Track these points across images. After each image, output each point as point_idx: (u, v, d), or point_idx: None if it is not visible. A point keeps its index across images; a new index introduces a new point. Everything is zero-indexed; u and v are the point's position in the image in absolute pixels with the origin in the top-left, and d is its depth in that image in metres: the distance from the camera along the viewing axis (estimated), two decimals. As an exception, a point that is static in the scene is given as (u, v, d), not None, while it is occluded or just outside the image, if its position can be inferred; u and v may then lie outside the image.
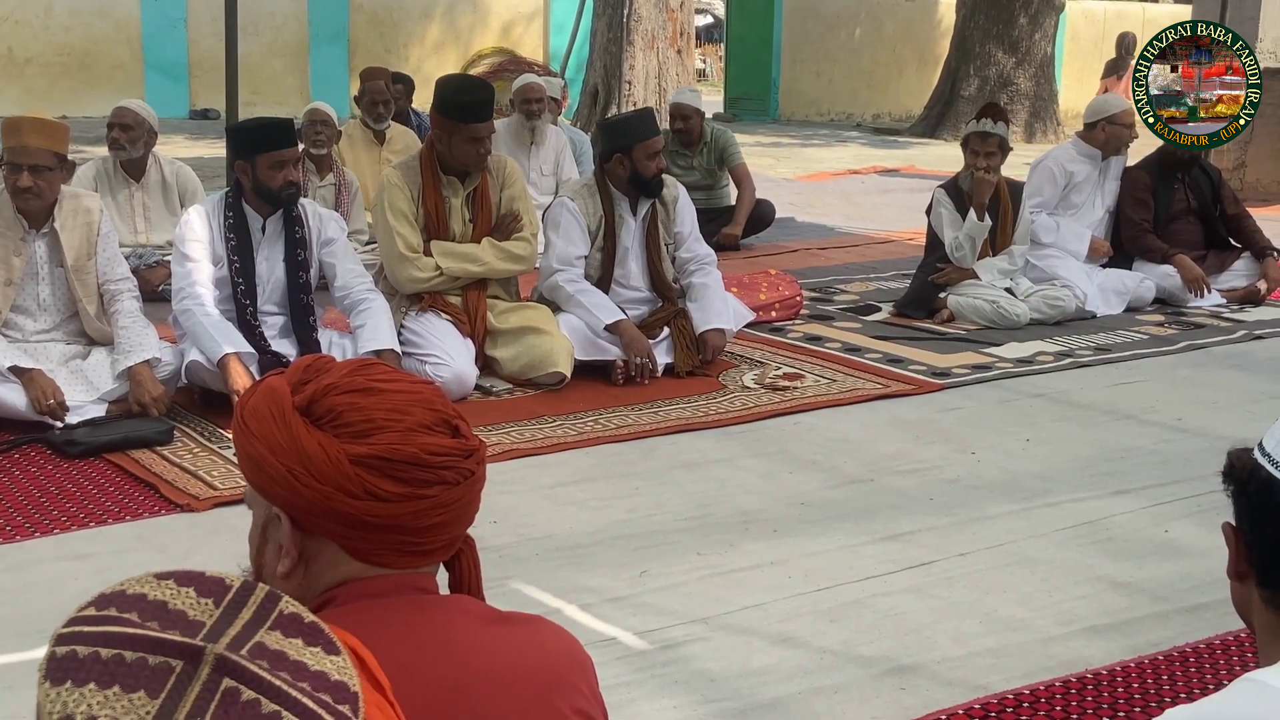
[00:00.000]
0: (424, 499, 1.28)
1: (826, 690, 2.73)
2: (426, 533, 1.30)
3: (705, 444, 4.34)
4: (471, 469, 1.32)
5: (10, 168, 4.30)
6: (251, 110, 8.08)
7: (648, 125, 5.27)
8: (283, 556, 1.30)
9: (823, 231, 9.01)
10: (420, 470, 1.27)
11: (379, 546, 1.30)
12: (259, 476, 1.30)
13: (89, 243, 4.44)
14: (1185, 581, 3.31)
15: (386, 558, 1.30)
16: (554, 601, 3.09)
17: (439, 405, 1.32)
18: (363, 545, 1.30)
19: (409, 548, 1.31)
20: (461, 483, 1.30)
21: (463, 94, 4.95)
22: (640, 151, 5.11)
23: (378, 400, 1.29)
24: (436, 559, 1.35)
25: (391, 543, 1.30)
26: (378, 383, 1.31)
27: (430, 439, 1.28)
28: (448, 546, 1.35)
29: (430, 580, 1.36)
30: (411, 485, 1.27)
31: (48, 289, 4.43)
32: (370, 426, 1.27)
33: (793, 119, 18.71)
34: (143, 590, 0.87)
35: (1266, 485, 1.20)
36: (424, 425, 1.29)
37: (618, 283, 5.28)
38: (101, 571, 3.19)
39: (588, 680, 1.36)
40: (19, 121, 4.38)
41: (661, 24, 12.76)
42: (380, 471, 1.26)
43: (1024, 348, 5.67)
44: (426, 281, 4.94)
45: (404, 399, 1.30)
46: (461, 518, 1.33)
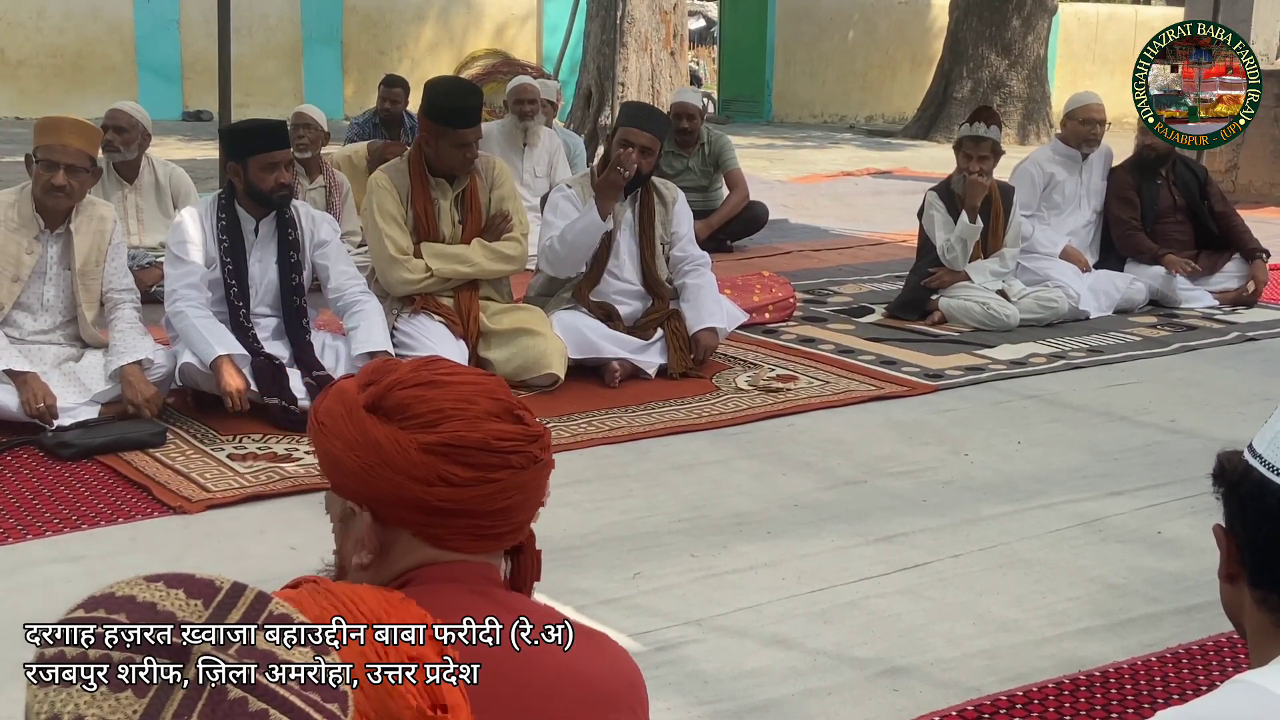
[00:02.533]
0: (493, 482, 1.35)
1: (820, 692, 2.74)
2: (496, 516, 1.37)
3: (699, 446, 4.34)
4: (537, 454, 1.38)
5: (45, 165, 4.30)
6: (245, 112, 8.07)
7: (633, 115, 5.32)
8: (362, 550, 1.37)
9: (816, 233, 9.02)
10: (488, 455, 1.34)
11: (452, 531, 1.37)
12: (336, 473, 1.39)
13: (99, 250, 4.46)
14: (1178, 582, 3.32)
15: (459, 542, 1.37)
16: (548, 603, 3.08)
17: (502, 395, 1.39)
18: (437, 531, 1.37)
19: (481, 530, 1.37)
20: (529, 467, 1.37)
21: (450, 98, 4.94)
22: (618, 138, 5.16)
23: (443, 392, 1.37)
24: (505, 543, 1.41)
25: (463, 527, 1.36)
26: (442, 376, 1.39)
27: (496, 425, 1.36)
28: (516, 531, 1.41)
29: (496, 571, 1.42)
30: (480, 469, 1.34)
31: (53, 290, 4.44)
32: (438, 416, 1.35)
33: (786, 121, 18.73)
34: (132, 593, 0.87)
35: (1258, 487, 1.20)
36: (490, 413, 1.36)
37: (610, 274, 5.27)
38: (93, 574, 3.18)
39: (642, 703, 1.41)
40: (59, 121, 4.42)
41: (655, 26, 12.76)
42: (449, 458, 1.34)
43: (1017, 349, 5.68)
44: (417, 283, 4.93)
45: (470, 389, 1.38)
46: (529, 501, 1.40)
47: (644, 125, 5.21)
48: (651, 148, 5.18)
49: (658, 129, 5.30)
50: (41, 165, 4.32)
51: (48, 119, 4.48)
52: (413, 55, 17.03)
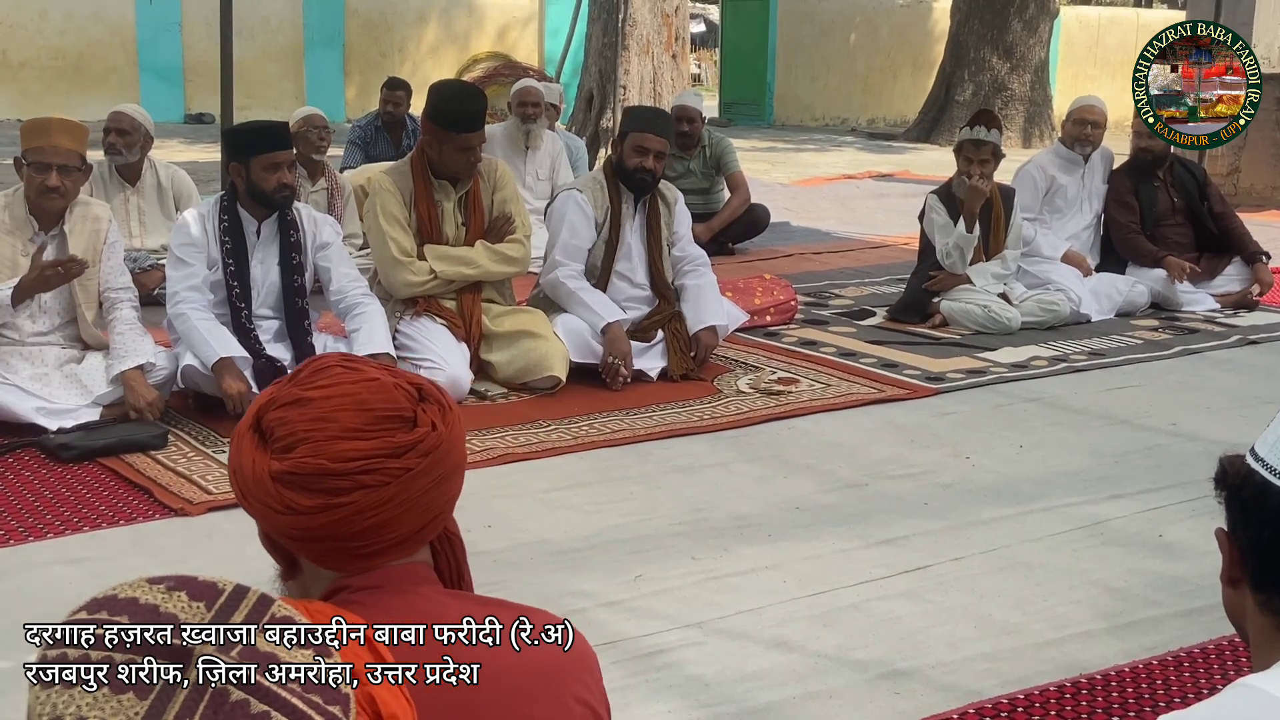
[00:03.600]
0: (342, 507, 1.26)
1: (821, 695, 2.73)
2: (362, 536, 1.28)
3: (700, 448, 4.34)
4: (403, 467, 1.28)
5: (37, 167, 4.29)
6: (246, 114, 8.05)
7: (645, 120, 5.33)
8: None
9: (817, 236, 9.02)
10: (334, 479, 1.25)
11: (322, 554, 1.30)
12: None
13: (95, 250, 4.45)
14: (1180, 585, 3.32)
15: (335, 562, 1.30)
16: (548, 606, 3.08)
17: (377, 404, 1.29)
18: (310, 553, 1.31)
19: (353, 551, 1.29)
20: (391, 482, 1.27)
21: (454, 103, 4.94)
22: (630, 143, 5.16)
23: (304, 412, 1.28)
24: (393, 556, 1.32)
25: (331, 550, 1.29)
26: (312, 391, 1.30)
27: (347, 445, 1.26)
28: (406, 542, 1.32)
29: (429, 570, 1.36)
30: (325, 495, 1.25)
31: (49, 292, 4.43)
32: (294, 440, 1.27)
33: (787, 124, 18.74)
34: (135, 595, 0.88)
35: (1260, 490, 1.20)
36: (349, 430, 1.27)
37: (619, 275, 5.28)
38: (95, 576, 3.18)
39: (593, 674, 1.36)
40: (47, 122, 4.40)
41: (657, 29, 12.77)
42: (293, 485, 1.26)
43: (1018, 352, 5.68)
44: (420, 285, 4.93)
45: (334, 404, 1.28)
46: (406, 515, 1.30)
47: (656, 130, 5.24)
48: (664, 152, 5.22)
49: (667, 131, 5.36)
50: (33, 168, 4.30)
51: (34, 121, 4.45)
52: (414, 58, 17.05)
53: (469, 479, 1.43)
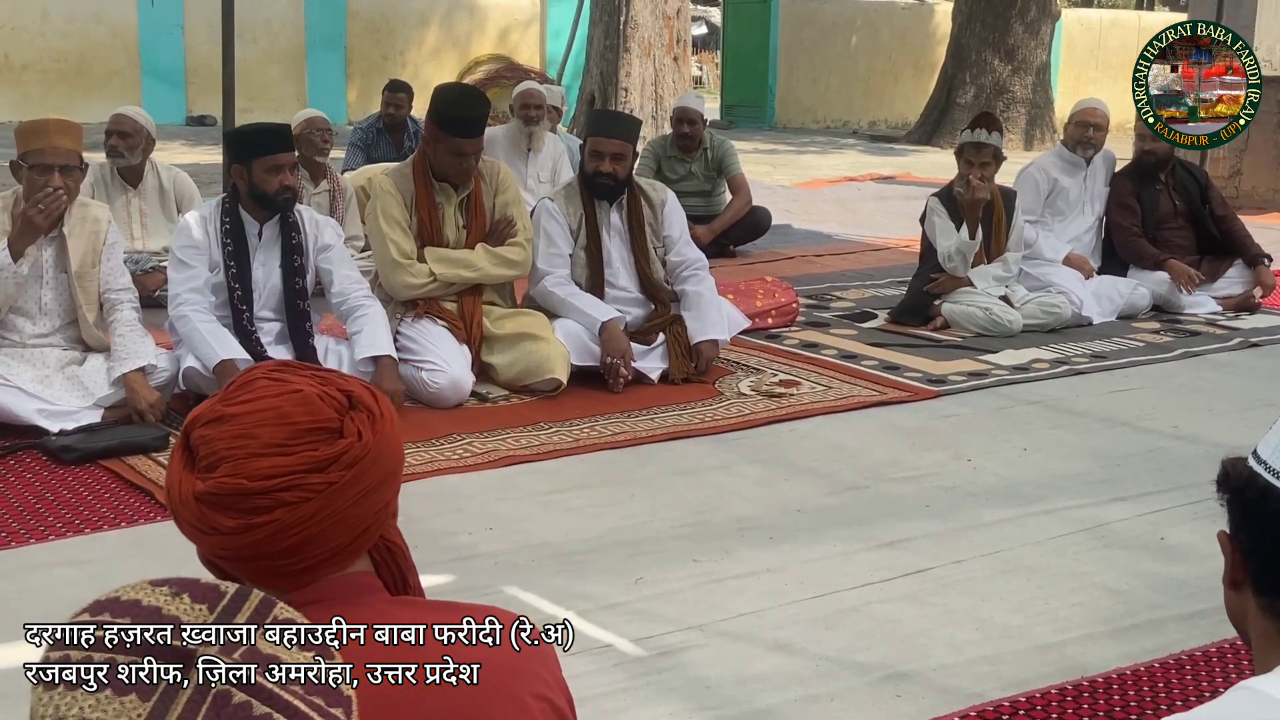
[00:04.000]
0: (263, 526, 1.23)
1: (822, 697, 2.73)
2: (290, 554, 1.25)
3: (701, 451, 4.34)
4: (325, 481, 1.24)
5: (39, 169, 4.24)
6: (248, 116, 8.05)
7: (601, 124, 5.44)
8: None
9: (819, 238, 9.02)
10: (254, 499, 1.23)
11: (252, 574, 1.26)
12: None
13: (95, 251, 4.45)
14: (1181, 588, 3.31)
15: (269, 581, 1.26)
16: (550, 608, 3.09)
17: (300, 416, 1.25)
18: (242, 573, 1.27)
19: (282, 570, 1.26)
20: (314, 498, 1.24)
21: (455, 107, 4.92)
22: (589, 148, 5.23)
23: (224, 429, 1.25)
24: (328, 570, 1.29)
25: (260, 569, 1.26)
26: (234, 407, 1.27)
27: (267, 462, 1.23)
28: (338, 556, 1.28)
29: (372, 578, 1.32)
30: (246, 515, 1.23)
31: (50, 293, 4.43)
32: (215, 459, 1.24)
33: (789, 126, 18.75)
34: (137, 596, 0.88)
35: (1262, 493, 1.20)
36: (269, 446, 1.24)
37: (609, 283, 5.28)
38: (97, 578, 3.18)
39: (548, 666, 1.32)
40: (45, 124, 4.37)
41: (658, 31, 12.78)
42: (216, 506, 1.23)
43: (1020, 355, 5.67)
44: (420, 288, 4.93)
45: (254, 420, 1.25)
46: (333, 529, 1.26)
47: (609, 132, 5.26)
48: (623, 153, 5.20)
49: (626, 133, 5.31)
50: (35, 170, 4.25)
51: (31, 123, 4.41)
52: (416, 60, 17.06)
53: (471, 481, 1.43)
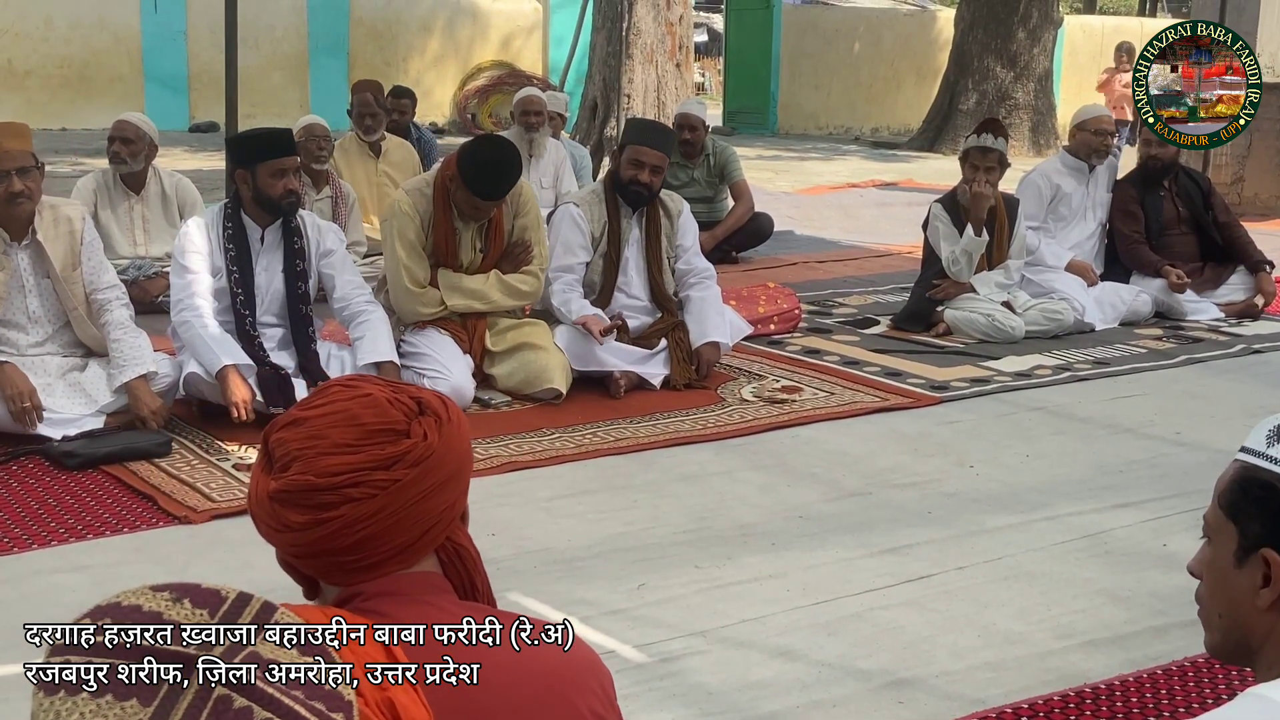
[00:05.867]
0: (330, 522, 1.28)
1: (825, 704, 2.73)
2: (356, 549, 1.30)
3: (704, 457, 4.34)
4: (390, 479, 1.29)
5: None
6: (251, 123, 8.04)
7: (644, 133, 5.33)
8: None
9: (821, 245, 9.02)
10: (321, 494, 1.28)
11: (323, 569, 1.33)
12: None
13: (73, 252, 4.40)
14: (1184, 595, 3.29)
15: (338, 577, 1.33)
16: (552, 614, 3.08)
17: (369, 418, 1.31)
18: (313, 569, 1.34)
19: (350, 565, 1.31)
20: (379, 494, 1.29)
21: (488, 170, 4.76)
22: (628, 156, 5.18)
23: (297, 431, 1.32)
24: (394, 566, 1.33)
25: (328, 565, 1.32)
26: (308, 411, 1.33)
27: (335, 460, 1.29)
28: (403, 553, 1.33)
29: (441, 579, 1.37)
30: (314, 510, 1.28)
31: (36, 301, 4.38)
32: (289, 459, 1.31)
33: (791, 132, 18.74)
34: (138, 602, 0.88)
35: None
36: (338, 446, 1.29)
37: (619, 290, 5.28)
38: (99, 583, 3.18)
39: (604, 688, 1.36)
40: None
41: (660, 37, 12.79)
42: (286, 503, 1.30)
43: (1022, 361, 5.67)
44: (430, 316, 4.93)
45: (326, 422, 1.31)
46: (398, 526, 1.31)
47: (654, 143, 5.24)
48: (661, 165, 5.21)
49: (667, 146, 5.34)
50: None
51: None
52: (419, 67, 17.06)
53: (473, 487, 1.43)
